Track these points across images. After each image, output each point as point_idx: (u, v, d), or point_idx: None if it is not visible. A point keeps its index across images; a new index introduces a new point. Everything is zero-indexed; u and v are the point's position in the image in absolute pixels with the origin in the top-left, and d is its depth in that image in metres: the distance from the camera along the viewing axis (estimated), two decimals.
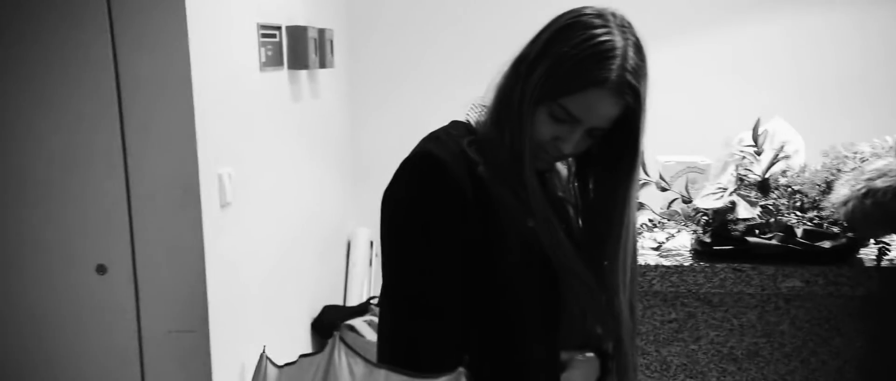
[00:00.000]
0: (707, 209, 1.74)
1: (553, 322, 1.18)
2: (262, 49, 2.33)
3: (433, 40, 3.26)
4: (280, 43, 2.48)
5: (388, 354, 1.12)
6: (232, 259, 2.18)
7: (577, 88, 1.05)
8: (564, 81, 1.06)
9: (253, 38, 2.28)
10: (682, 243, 1.82)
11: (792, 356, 1.71)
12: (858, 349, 1.68)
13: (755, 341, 1.72)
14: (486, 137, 1.14)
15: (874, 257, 1.67)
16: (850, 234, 1.65)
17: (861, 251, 1.70)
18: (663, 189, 1.88)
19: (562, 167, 1.24)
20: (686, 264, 1.70)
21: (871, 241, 1.70)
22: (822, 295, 1.66)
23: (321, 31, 2.75)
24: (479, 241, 1.09)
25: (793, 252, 1.66)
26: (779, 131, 1.97)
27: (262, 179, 2.41)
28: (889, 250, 1.68)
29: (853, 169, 1.67)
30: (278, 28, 2.46)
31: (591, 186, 1.21)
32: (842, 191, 1.58)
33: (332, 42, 2.90)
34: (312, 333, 2.97)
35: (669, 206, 1.86)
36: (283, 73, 2.54)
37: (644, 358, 1.76)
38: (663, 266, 1.70)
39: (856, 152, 1.74)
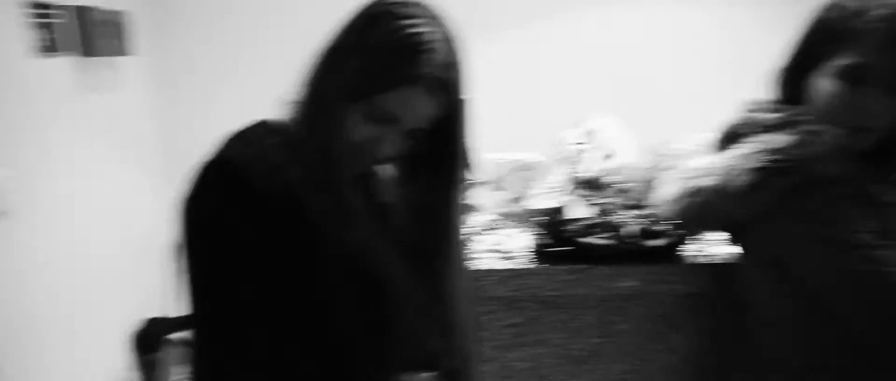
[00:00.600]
0: (540, 209, 1.68)
1: (382, 341, 1.07)
2: (42, 32, 1.99)
3: (249, 26, 2.99)
4: (64, 25, 2.13)
5: (194, 379, 1.01)
6: (13, 280, 1.85)
7: (389, 86, 0.96)
8: (375, 77, 0.96)
9: (18, 17, 1.93)
10: (520, 244, 1.75)
11: (633, 354, 1.69)
12: (694, 344, 1.69)
13: (597, 341, 1.68)
14: (297, 138, 1.01)
15: (698, 254, 1.67)
16: (677, 232, 1.64)
17: (688, 249, 1.69)
18: (497, 189, 1.80)
19: (383, 170, 1.12)
20: (526, 267, 1.62)
21: (695, 238, 1.70)
22: (657, 293, 1.64)
23: (117, 14, 2.43)
24: (289, 254, 0.97)
25: (624, 252, 1.63)
26: (603, 128, 1.95)
27: (50, 183, 2.08)
28: (709, 246, 1.68)
29: (675, 167, 1.65)
30: (49, 7, 2.07)
31: (415, 189, 1.11)
32: (668, 189, 1.55)
33: (131, 26, 2.58)
34: (135, 349, 2.65)
35: (504, 206, 1.78)
36: (69, 60, 2.20)
37: (488, 365, 1.67)
38: (503, 270, 1.62)
39: (675, 150, 1.74)
